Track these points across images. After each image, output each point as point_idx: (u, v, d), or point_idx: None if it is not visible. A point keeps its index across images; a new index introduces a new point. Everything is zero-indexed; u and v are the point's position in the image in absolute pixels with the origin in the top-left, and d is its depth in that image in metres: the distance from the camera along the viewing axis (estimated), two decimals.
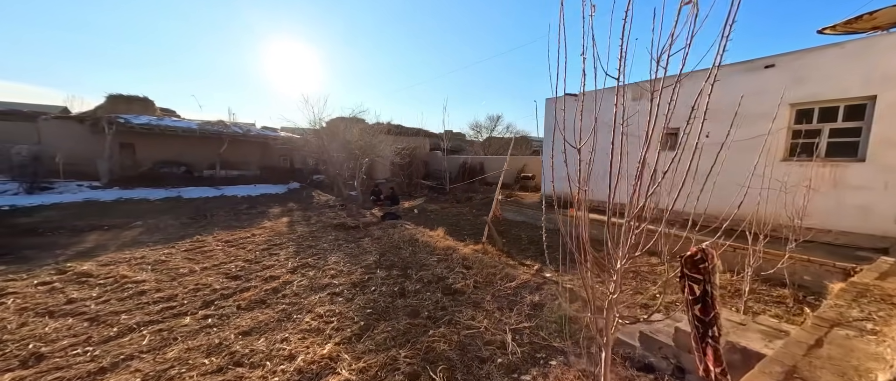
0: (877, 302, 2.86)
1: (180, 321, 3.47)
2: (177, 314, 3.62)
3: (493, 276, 4.98)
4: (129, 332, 3.23)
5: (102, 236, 6.92)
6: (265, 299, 4.10)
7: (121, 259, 5.38)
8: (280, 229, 7.99)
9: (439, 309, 3.99)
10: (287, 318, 3.65)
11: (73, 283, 4.39)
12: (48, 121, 15.35)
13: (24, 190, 12.76)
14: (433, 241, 6.60)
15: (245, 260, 5.56)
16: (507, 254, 6.26)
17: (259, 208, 10.80)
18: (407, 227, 8.07)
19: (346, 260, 5.74)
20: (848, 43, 5.35)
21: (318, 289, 4.49)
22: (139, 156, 17.38)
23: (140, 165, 17.09)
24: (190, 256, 5.73)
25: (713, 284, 2.01)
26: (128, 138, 16.71)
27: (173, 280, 4.59)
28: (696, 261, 2.04)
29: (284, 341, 3.18)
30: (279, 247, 6.43)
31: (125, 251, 5.83)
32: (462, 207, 12.07)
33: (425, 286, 4.68)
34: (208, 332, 3.29)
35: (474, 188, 15.77)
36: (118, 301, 3.88)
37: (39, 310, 3.64)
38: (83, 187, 14.07)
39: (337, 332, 3.39)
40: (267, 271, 5.05)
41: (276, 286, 4.49)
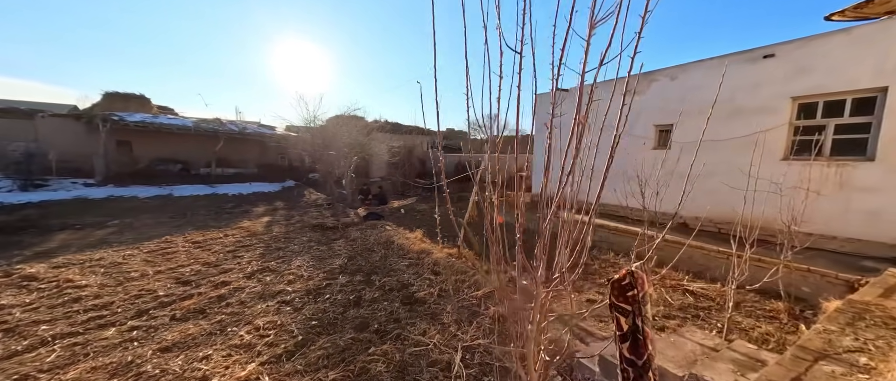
0: (877, 326, 2.43)
1: (102, 333, 3.19)
2: (102, 325, 3.35)
3: (462, 283, 4.61)
4: (40, 345, 2.97)
5: (72, 235, 6.75)
6: (206, 308, 3.81)
7: (76, 261, 5.17)
8: (256, 229, 7.74)
9: (392, 321, 3.65)
10: (221, 331, 3.35)
11: (12, 287, 4.17)
12: (45, 118, 15.41)
13: (17, 187, 12.82)
14: (409, 243, 6.26)
15: (205, 263, 5.30)
16: (486, 258, 5.88)
17: (244, 207, 10.61)
18: (387, 228, 7.74)
19: (311, 264, 5.44)
20: (856, 28, 4.81)
21: (269, 297, 4.19)
22: (136, 153, 17.39)
23: (136, 162, 17.10)
24: (150, 258, 5.50)
25: (645, 317, 1.62)
26: (124, 136, 16.73)
27: (119, 285, 4.34)
28: (623, 287, 1.65)
29: (205, 359, 2.87)
30: (247, 249, 6.17)
31: (86, 252, 5.62)
32: (454, 207, 11.69)
33: (385, 295, 4.34)
34: (126, 347, 3.01)
35: (470, 188, 15.39)
36: (48, 309, 3.63)
37: None
38: (78, 185, 14.08)
39: (268, 348, 3.08)
40: (222, 276, 4.77)
41: (223, 293, 4.20)
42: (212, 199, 12.35)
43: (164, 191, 13.85)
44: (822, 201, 5.00)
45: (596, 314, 3.86)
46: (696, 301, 4.39)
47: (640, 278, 1.70)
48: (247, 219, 8.72)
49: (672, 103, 6.76)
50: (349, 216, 9.08)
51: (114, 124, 15.22)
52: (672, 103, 6.76)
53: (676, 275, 5.26)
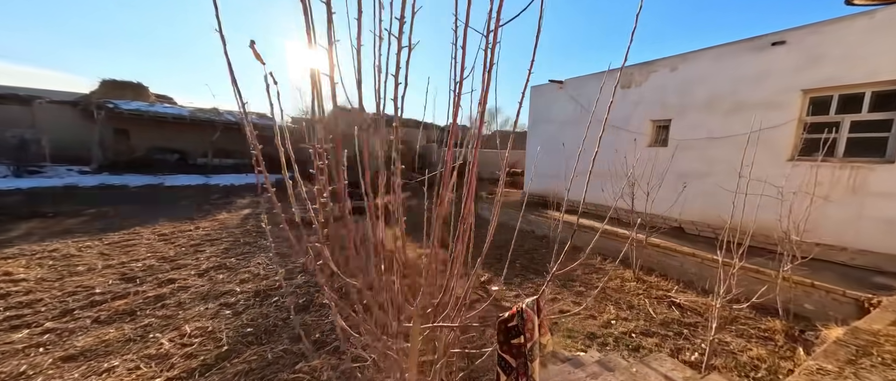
0: (885, 367, 1.97)
1: (10, 336, 2.90)
2: (15, 326, 3.06)
3: None
4: None
5: (40, 224, 6.54)
6: (138, 309, 3.50)
7: (28, 252, 4.92)
8: (231, 222, 7.46)
9: (335, 330, 3.30)
10: (141, 337, 3.03)
11: None
12: (43, 105, 15.38)
13: (11, 173, 12.81)
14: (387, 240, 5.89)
15: (161, 258, 5.01)
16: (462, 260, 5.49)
17: (229, 198, 10.37)
18: None
19: (272, 261, 5.11)
20: (880, 11, 4.22)
21: (213, 298, 3.86)
22: (133, 142, 17.32)
23: (134, 151, 17.03)
24: (107, 250, 5.23)
25: (531, 375, 1.22)
26: (121, 124, 16.65)
27: (58, 280, 4.06)
28: (509, 330, 1.25)
29: (107, 373, 2.55)
30: (212, 243, 5.87)
31: (44, 243, 5.39)
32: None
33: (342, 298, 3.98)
34: (28, 354, 2.70)
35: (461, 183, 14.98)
36: None
37: None
38: (72, 172, 14.05)
39: (184, 360, 2.75)
40: (173, 273, 4.47)
41: (164, 293, 3.89)
42: (201, 189, 12.16)
43: (156, 180, 13.72)
44: (832, 208, 4.46)
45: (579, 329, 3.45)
46: (682, 316, 3.93)
47: (531, 321, 1.29)
48: (226, 211, 8.46)
49: (671, 96, 6.21)
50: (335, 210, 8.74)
51: (109, 112, 15.12)
52: (671, 96, 6.21)
53: (664, 284, 4.80)
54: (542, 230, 7.23)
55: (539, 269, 5.25)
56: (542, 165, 8.51)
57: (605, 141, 3.32)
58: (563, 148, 8.02)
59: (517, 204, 8.69)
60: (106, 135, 15.71)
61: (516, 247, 6.32)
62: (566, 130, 7.97)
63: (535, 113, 8.89)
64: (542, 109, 8.67)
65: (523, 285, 4.74)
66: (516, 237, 6.71)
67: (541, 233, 7.32)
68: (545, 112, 8.54)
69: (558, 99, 8.16)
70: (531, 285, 4.73)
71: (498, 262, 5.43)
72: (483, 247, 1.47)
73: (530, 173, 9.20)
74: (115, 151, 16.18)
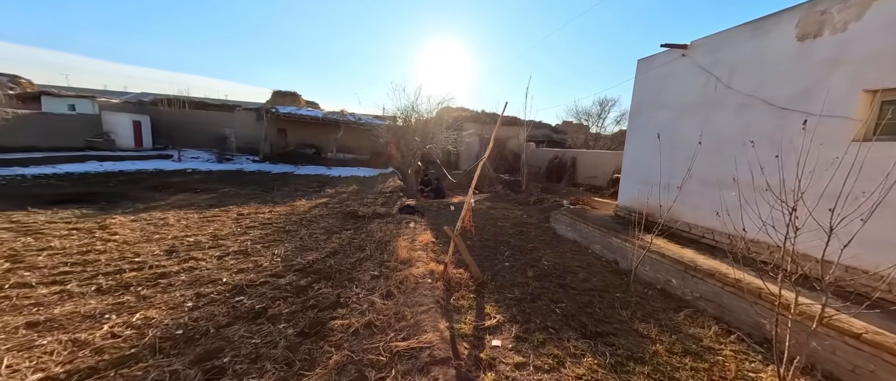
0: None
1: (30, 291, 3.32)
2: (46, 282, 3.53)
3: (394, 322, 3.08)
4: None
5: (185, 197, 8.41)
6: (133, 284, 3.63)
7: (143, 217, 6.16)
8: (300, 209, 7.95)
9: (262, 357, 2.57)
10: (111, 312, 3.01)
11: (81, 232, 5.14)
12: (239, 111, 20.97)
13: (215, 159, 17.75)
14: (401, 250, 4.99)
15: (213, 236, 5.46)
16: (476, 289, 4.04)
17: (322, 188, 11.43)
18: (408, 225, 6.66)
19: (286, 253, 4.90)
20: None
21: (197, 284, 3.74)
22: (289, 139, 21.74)
23: (288, 146, 21.39)
24: (192, 223, 6.09)
25: None
26: (282, 125, 21.11)
27: (131, 244, 4.78)
28: None
29: (28, 350, 2.48)
30: (262, 227, 6.19)
31: (162, 211, 6.75)
32: (525, 209, 9.58)
33: (301, 312, 3.28)
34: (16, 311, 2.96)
35: (557, 188, 12.59)
36: (63, 256, 4.18)
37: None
38: (248, 161, 18.50)
39: (91, 355, 2.49)
40: (200, 252, 4.69)
41: (171, 271, 4.01)
42: (313, 179, 13.94)
43: (292, 169, 16.66)
44: None
45: None
46: None
47: None
48: (306, 199, 9.19)
49: None
50: (392, 207, 8.40)
51: (272, 116, 19.27)
52: None
53: None
54: (626, 263, 4.90)
55: (588, 326, 3.30)
56: (644, 168, 5.93)
57: (758, 130, 1.38)
58: (676, 141, 5.25)
59: (600, 221, 6.33)
60: (271, 133, 20.12)
61: (575, 283, 4.36)
62: (685, 119, 5.22)
63: (640, 97, 6.25)
64: (650, 91, 6.00)
65: (545, 348, 2.93)
66: (583, 267, 4.56)
67: (625, 266, 4.99)
68: (655, 94, 5.86)
69: (676, 73, 5.42)
70: (558, 353, 2.90)
71: (532, 301, 3.75)
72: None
73: (627, 180, 6.60)
74: (276, 146, 20.58)
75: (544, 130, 26.73)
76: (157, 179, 10.41)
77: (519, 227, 7.41)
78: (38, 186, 8.46)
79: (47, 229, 5.21)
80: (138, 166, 12.86)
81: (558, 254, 5.62)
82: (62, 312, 2.99)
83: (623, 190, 6.69)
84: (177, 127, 18.87)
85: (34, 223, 5.43)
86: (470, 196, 4.13)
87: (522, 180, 13.38)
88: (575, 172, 13.49)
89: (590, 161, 13.08)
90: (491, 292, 3.97)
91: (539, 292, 4.04)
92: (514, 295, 3.92)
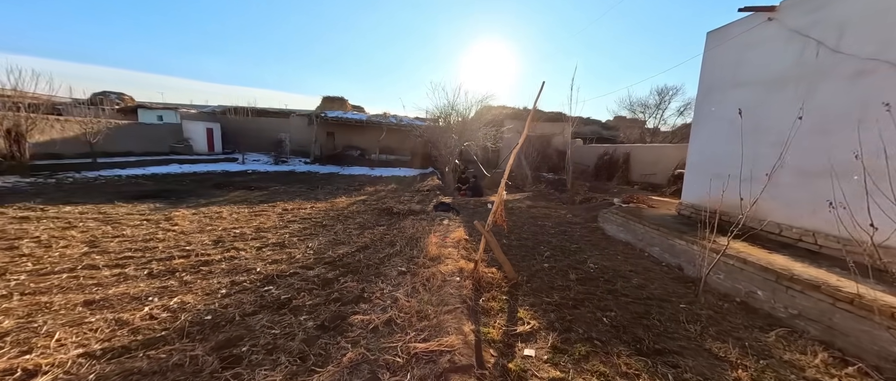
0: None
1: (97, 273, 3.65)
2: (110, 265, 3.87)
3: (416, 321, 2.83)
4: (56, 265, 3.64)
5: (241, 193, 9.11)
6: (184, 269, 3.83)
7: (202, 211, 6.71)
8: (339, 205, 8.13)
9: (277, 348, 2.49)
10: (155, 294, 3.19)
11: (150, 223, 5.71)
12: (293, 117, 22.61)
13: (272, 161, 19.27)
14: (431, 246, 4.76)
15: (257, 228, 5.73)
16: (509, 290, 3.63)
17: (362, 187, 11.71)
18: (442, 222, 6.42)
19: (319, 247, 4.93)
20: None
21: (238, 272, 3.87)
22: (336, 142, 22.91)
23: (336, 148, 22.55)
24: (242, 216, 6.50)
25: None
26: (331, 128, 22.32)
27: (187, 234, 5.17)
28: None
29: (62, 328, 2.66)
30: (302, 221, 6.38)
31: (218, 205, 7.32)
32: (570, 208, 8.85)
33: (323, 306, 3.19)
34: (84, 288, 3.25)
35: (607, 187, 11.51)
36: (129, 244, 4.64)
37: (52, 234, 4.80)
38: (300, 163, 19.81)
39: (128, 334, 2.60)
40: (242, 243, 4.90)
41: (214, 259, 4.21)
42: (356, 178, 14.41)
43: (338, 169, 17.48)
44: None
45: None
46: None
47: None
48: (346, 196, 9.43)
49: None
50: (428, 204, 8.26)
51: (321, 120, 20.44)
52: None
53: None
54: (694, 269, 4.13)
55: (645, 341, 2.73)
56: (715, 159, 5.01)
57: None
58: (760, 123, 4.27)
59: (658, 221, 5.48)
60: (320, 136, 21.34)
61: (628, 289, 3.75)
62: (773, 96, 4.27)
63: (710, 76, 5.30)
64: (723, 68, 5.05)
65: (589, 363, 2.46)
66: (637, 272, 4.01)
67: (692, 273, 4.21)
68: (730, 71, 4.91)
69: (760, 42, 4.47)
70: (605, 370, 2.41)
71: (574, 307, 3.27)
72: None
73: (693, 174, 5.65)
74: (325, 148, 21.78)
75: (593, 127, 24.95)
76: (221, 179, 11.48)
77: (561, 226, 6.78)
78: (128, 184, 9.76)
79: (125, 219, 5.87)
80: (208, 168, 14.37)
81: (607, 256, 4.96)
82: (115, 292, 3.22)
83: (688, 186, 5.76)
84: (241, 133, 20.84)
85: (115, 214, 6.17)
86: (502, 188, 3.75)
87: (567, 179, 12.47)
88: (628, 169, 12.23)
89: (646, 156, 11.76)
90: (526, 295, 3.54)
91: (583, 298, 3.52)
92: (553, 299, 3.45)
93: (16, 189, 8.04)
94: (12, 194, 7.54)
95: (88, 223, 5.50)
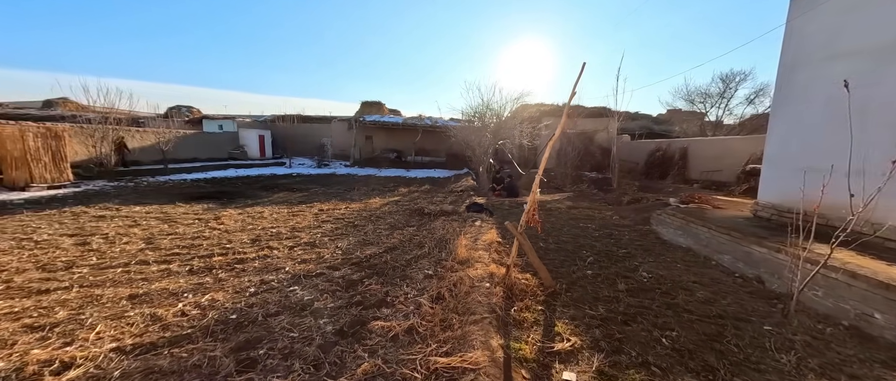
0: None
1: (144, 268, 3.88)
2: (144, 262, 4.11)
3: (439, 330, 2.57)
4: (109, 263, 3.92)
5: (284, 194, 9.58)
6: (220, 267, 3.95)
7: (247, 211, 7.08)
8: (372, 205, 8.16)
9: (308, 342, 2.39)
10: (191, 291, 3.29)
11: (198, 223, 6.11)
12: (334, 122, 23.68)
13: (315, 164, 20.28)
14: (461, 248, 4.48)
15: (292, 227, 5.88)
16: (545, 300, 3.22)
17: (396, 188, 11.76)
18: (474, 223, 6.11)
19: (348, 247, 4.88)
20: None
21: (268, 271, 3.90)
22: (375, 145, 23.58)
23: (374, 151, 23.20)
24: (281, 216, 6.74)
25: None
26: (370, 132, 23.02)
27: (230, 232, 5.43)
28: None
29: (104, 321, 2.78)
30: (335, 221, 6.44)
31: (261, 206, 7.69)
32: (617, 209, 8.06)
33: (345, 309, 3.05)
34: (133, 282, 3.45)
35: (660, 186, 10.37)
36: (170, 237, 4.96)
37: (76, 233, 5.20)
38: (340, 165, 20.64)
39: (173, 326, 2.65)
40: (276, 242, 5.01)
41: (249, 257, 4.31)
42: (391, 180, 14.58)
43: (375, 171, 17.89)
44: None
45: None
46: None
47: None
48: (380, 197, 9.48)
49: None
50: (460, 205, 7.99)
51: (360, 124, 21.13)
52: None
53: None
54: (779, 282, 3.38)
55: (719, 371, 2.19)
56: (805, 148, 4.13)
57: None
58: (871, 102, 3.33)
59: (728, 223, 4.64)
60: (359, 140, 22.09)
61: (693, 305, 3.16)
62: (889, 69, 3.38)
63: (796, 48, 4.37)
64: (816, 36, 4.13)
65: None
66: (703, 284, 3.67)
67: (777, 287, 3.45)
68: (825, 39, 3.99)
69: (868, 1, 3.57)
70: None
71: (625, 323, 2.80)
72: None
73: (774, 169, 4.73)
74: (364, 151, 22.50)
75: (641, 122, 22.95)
76: (268, 182, 12.24)
77: (607, 229, 6.13)
78: (190, 186, 10.74)
79: (180, 218, 6.36)
80: (259, 172, 15.45)
81: (664, 264, 4.31)
82: (157, 288, 3.37)
83: (767, 182, 4.85)
84: (289, 139, 22.24)
85: (174, 214, 6.71)
86: (536, 184, 3.36)
87: (613, 177, 11.47)
88: (686, 165, 10.93)
89: (708, 151, 10.41)
90: (565, 306, 3.12)
91: (635, 312, 3.02)
92: (598, 312, 2.99)
93: (102, 191, 9.18)
94: (98, 195, 8.61)
95: (151, 222, 6.02)
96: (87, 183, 10.39)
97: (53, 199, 7.87)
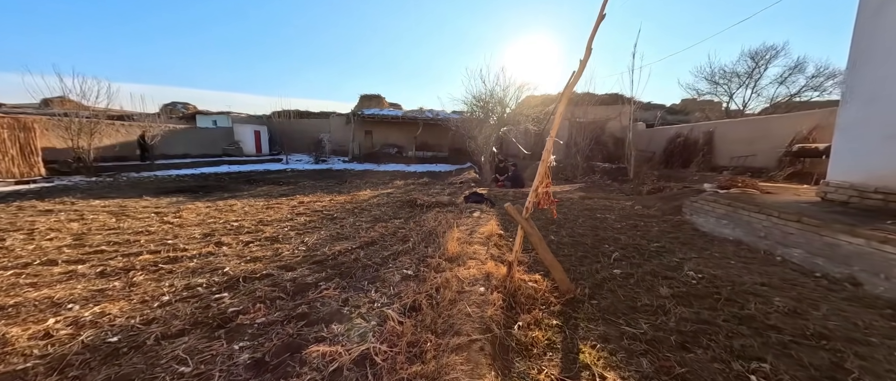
0: None
1: (50, 270, 3.05)
2: (76, 261, 3.28)
3: (405, 362, 1.66)
4: None
5: (267, 187, 8.76)
6: (143, 267, 3.09)
7: (215, 204, 6.26)
8: (360, 198, 7.29)
9: None
10: (84, 300, 2.43)
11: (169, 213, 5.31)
12: (332, 118, 22.89)
13: (312, 160, 19.52)
14: (451, 242, 3.55)
15: (259, 221, 5.01)
16: (561, 310, 2.29)
17: (392, 181, 10.89)
18: (472, 214, 5.20)
19: (315, 242, 4.00)
20: None
21: (201, 273, 3.02)
22: (375, 140, 22.75)
23: (374, 146, 22.38)
24: (251, 209, 5.89)
25: None
26: (369, 127, 22.19)
27: (186, 226, 4.60)
28: None
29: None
30: (310, 214, 5.56)
31: (236, 198, 6.87)
32: (638, 199, 7.06)
33: (278, 325, 2.16)
34: (9, 290, 2.61)
35: (682, 175, 9.30)
36: (106, 232, 4.14)
37: None
38: (339, 161, 19.85)
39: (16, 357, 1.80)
40: (232, 237, 4.15)
41: (186, 256, 3.44)
42: (389, 174, 13.71)
43: (372, 166, 17.04)
44: None
45: None
46: None
47: None
48: (371, 190, 8.62)
49: None
50: (457, 196, 7.08)
51: (358, 118, 20.32)
52: None
53: None
54: (885, 285, 2.39)
55: None
56: None
57: None
58: None
59: (782, 208, 3.63)
60: (358, 135, 21.28)
61: (776, 317, 2.19)
62: None
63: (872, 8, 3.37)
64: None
65: None
66: (772, 285, 3.26)
67: (882, 292, 2.46)
68: None
69: None
70: None
71: (684, 347, 1.85)
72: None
73: (857, 137, 3.70)
74: (363, 147, 21.68)
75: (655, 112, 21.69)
76: (258, 177, 11.46)
77: (630, 219, 5.15)
78: (172, 181, 10.00)
79: (136, 213, 5.55)
80: (252, 168, 14.71)
81: (712, 261, 3.34)
82: (39, 296, 2.51)
83: (841, 156, 3.83)
84: (286, 135, 21.52)
85: (133, 208, 5.92)
86: (547, 152, 2.41)
87: (629, 167, 10.42)
88: (712, 151, 9.83)
89: (738, 133, 9.28)
90: (591, 320, 2.19)
91: (695, 330, 2.06)
92: (641, 330, 2.05)
93: (73, 186, 8.47)
94: (66, 190, 7.88)
95: (99, 216, 5.23)
96: (62, 178, 9.72)
97: (13, 194, 7.16)
